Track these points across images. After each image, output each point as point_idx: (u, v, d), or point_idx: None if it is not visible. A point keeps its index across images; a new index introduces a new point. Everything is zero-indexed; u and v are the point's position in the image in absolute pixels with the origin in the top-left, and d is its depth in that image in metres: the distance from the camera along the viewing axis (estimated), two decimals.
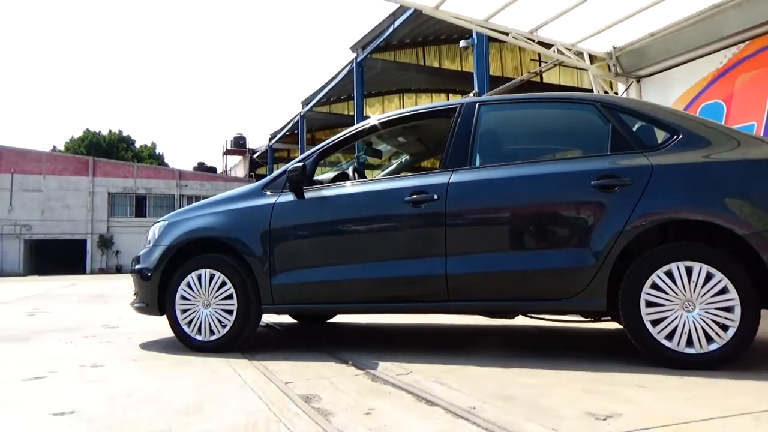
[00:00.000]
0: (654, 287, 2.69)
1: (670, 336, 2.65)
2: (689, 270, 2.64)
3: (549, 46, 7.78)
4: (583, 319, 3.44)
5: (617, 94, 7.89)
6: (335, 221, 3.34)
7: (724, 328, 2.57)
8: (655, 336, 2.67)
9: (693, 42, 6.80)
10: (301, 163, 3.41)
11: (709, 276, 2.61)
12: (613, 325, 3.82)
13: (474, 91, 14.29)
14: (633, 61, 7.68)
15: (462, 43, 16.00)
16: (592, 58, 7.97)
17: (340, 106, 29.75)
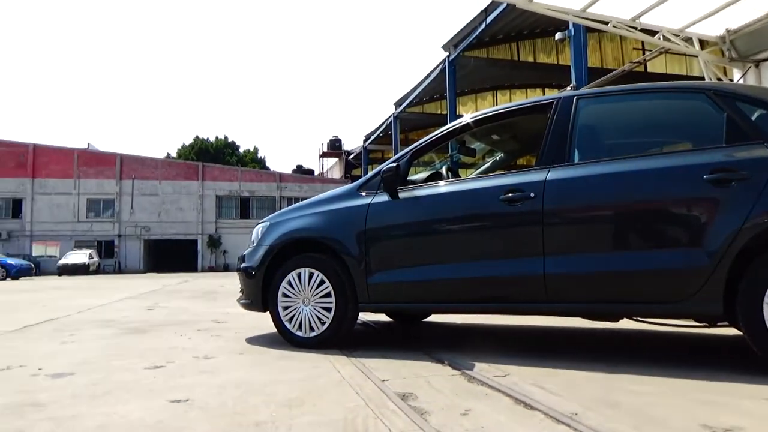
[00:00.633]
0: None
1: None
2: None
3: (653, 33, 7.33)
4: (697, 324, 3.20)
5: (732, 81, 7.26)
6: (429, 221, 3.35)
7: None
8: None
9: None
10: (395, 164, 3.45)
11: None
12: (731, 331, 3.53)
13: (571, 85, 13.77)
14: (750, 45, 7.01)
15: (558, 36, 15.46)
16: (702, 43, 7.40)
17: (432, 105, 29.81)
